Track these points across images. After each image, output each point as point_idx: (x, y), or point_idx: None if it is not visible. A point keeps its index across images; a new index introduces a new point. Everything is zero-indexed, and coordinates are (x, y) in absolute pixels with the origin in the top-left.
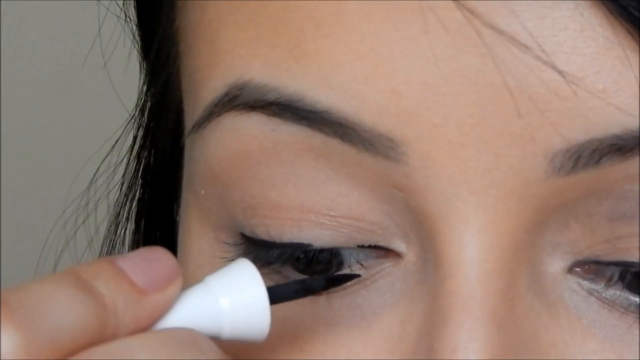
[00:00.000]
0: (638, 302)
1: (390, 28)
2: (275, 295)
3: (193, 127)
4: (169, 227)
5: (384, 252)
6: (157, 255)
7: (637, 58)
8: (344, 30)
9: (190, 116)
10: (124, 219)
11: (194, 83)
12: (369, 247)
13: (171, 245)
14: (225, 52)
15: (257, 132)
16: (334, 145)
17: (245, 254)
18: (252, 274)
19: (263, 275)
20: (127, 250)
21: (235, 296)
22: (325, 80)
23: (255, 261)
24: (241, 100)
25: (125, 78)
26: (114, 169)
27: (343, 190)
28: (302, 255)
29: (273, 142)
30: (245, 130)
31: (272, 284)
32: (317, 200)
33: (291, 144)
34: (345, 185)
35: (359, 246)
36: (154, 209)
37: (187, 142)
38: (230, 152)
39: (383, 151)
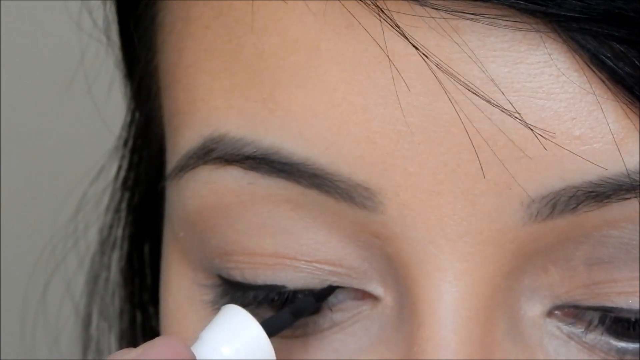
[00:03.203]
0: (618, 346)
1: (363, 76)
2: (272, 329)
3: (170, 174)
4: (155, 257)
5: (361, 294)
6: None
7: (611, 105)
8: (317, 78)
9: (170, 159)
10: (109, 247)
11: (172, 127)
12: (345, 289)
13: (157, 274)
14: (201, 101)
15: (233, 186)
16: (312, 196)
17: (222, 296)
18: (243, 315)
19: None
20: (111, 276)
21: (235, 342)
22: (300, 131)
23: (232, 303)
24: (217, 154)
25: (112, 102)
26: (101, 194)
27: (321, 237)
28: (276, 297)
29: (250, 195)
30: (222, 184)
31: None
32: (292, 247)
33: (268, 196)
34: (323, 233)
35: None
36: (140, 238)
37: (167, 184)
38: (206, 203)
39: (360, 201)
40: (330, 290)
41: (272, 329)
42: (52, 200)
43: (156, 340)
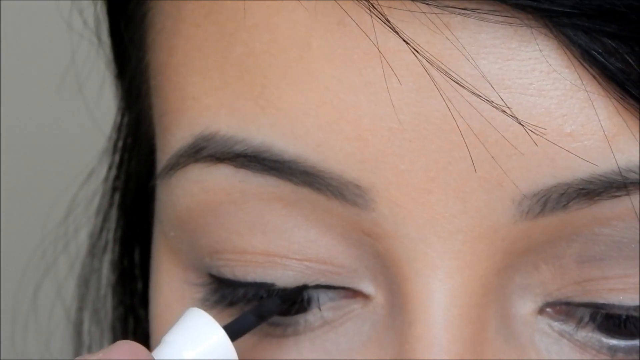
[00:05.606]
0: (610, 344)
1: (354, 73)
2: (234, 332)
3: (160, 173)
4: (145, 259)
5: (352, 292)
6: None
7: (603, 102)
8: (308, 76)
9: (160, 158)
10: (100, 250)
11: (163, 126)
12: (336, 287)
13: (148, 277)
14: (192, 99)
15: (224, 184)
16: (304, 193)
17: (212, 293)
18: (205, 319)
19: (230, 315)
20: (102, 279)
21: (197, 347)
22: (291, 129)
23: (221, 300)
24: (208, 152)
25: (103, 102)
26: (92, 196)
27: (312, 235)
28: (265, 295)
29: (241, 193)
30: (213, 182)
31: None
32: (283, 246)
33: (260, 194)
34: (314, 231)
35: (324, 286)
36: (131, 240)
37: (157, 183)
38: (197, 202)
39: (351, 198)
40: (300, 290)
41: (235, 333)
42: (43, 203)
43: (116, 344)
